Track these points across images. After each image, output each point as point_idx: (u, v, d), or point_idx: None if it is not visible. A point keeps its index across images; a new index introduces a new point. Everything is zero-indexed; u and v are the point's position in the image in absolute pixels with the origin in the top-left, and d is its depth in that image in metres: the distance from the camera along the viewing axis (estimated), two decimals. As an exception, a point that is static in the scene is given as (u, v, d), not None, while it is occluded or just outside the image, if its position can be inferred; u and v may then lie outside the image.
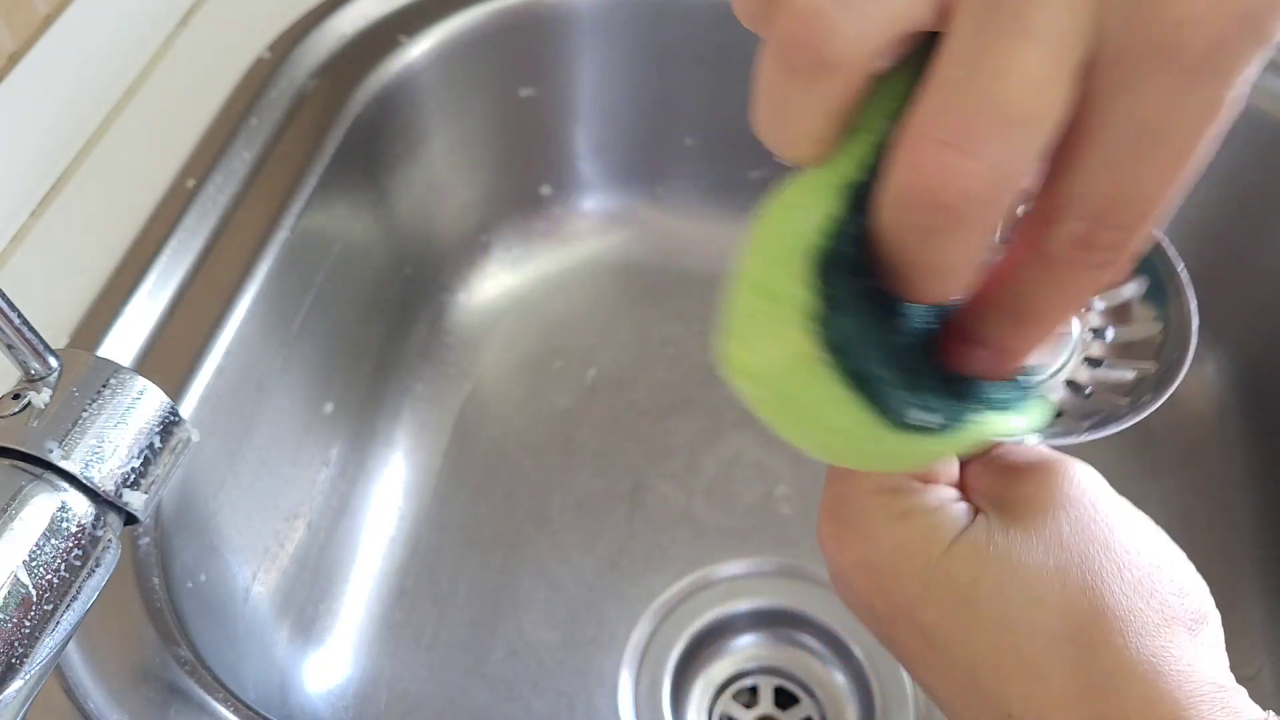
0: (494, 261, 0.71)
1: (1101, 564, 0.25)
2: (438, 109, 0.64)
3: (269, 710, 0.40)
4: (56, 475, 0.28)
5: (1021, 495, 0.26)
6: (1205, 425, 0.65)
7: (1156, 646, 0.24)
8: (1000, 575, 0.25)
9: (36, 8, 0.52)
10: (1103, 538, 0.25)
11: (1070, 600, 0.24)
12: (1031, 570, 0.25)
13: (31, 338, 0.28)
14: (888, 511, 0.26)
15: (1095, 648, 0.24)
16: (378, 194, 0.63)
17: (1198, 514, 0.62)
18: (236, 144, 0.55)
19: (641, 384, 0.67)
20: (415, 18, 0.63)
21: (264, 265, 0.52)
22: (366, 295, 0.62)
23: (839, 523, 0.27)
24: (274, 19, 0.61)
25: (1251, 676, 0.55)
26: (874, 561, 0.26)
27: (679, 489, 0.63)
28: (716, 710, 0.57)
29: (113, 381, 0.30)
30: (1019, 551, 0.25)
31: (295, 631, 0.55)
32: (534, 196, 0.72)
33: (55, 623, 0.27)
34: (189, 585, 0.45)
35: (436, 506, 0.62)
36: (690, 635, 0.58)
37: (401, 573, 0.59)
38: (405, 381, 0.65)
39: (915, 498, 0.27)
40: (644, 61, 0.68)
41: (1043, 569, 0.25)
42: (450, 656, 0.57)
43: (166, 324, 0.49)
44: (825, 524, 0.28)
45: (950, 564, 0.25)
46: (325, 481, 0.58)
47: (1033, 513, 0.26)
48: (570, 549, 0.61)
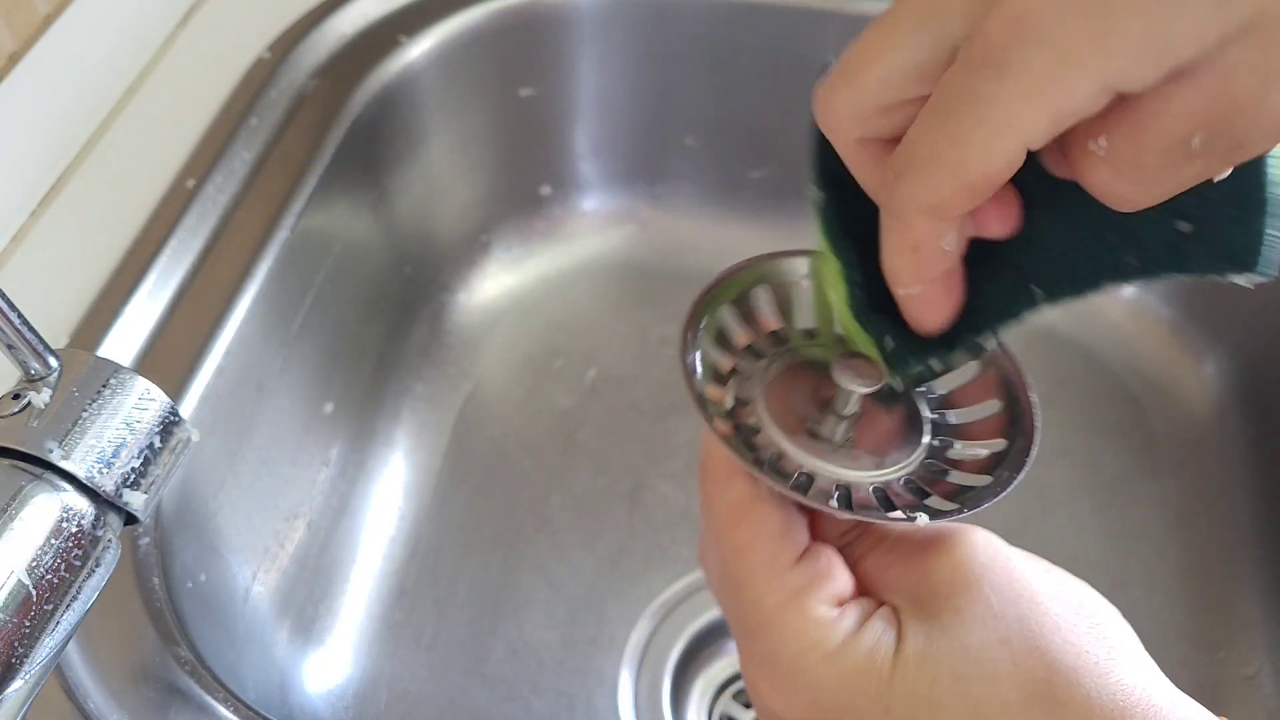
0: (494, 261, 0.71)
1: (1037, 622, 0.25)
2: (438, 109, 0.64)
3: (269, 710, 0.40)
4: (56, 475, 0.28)
5: (936, 582, 0.27)
6: (1205, 425, 0.65)
7: (1112, 684, 0.24)
8: (953, 668, 0.25)
9: (36, 8, 0.52)
10: (1028, 595, 0.26)
11: (1023, 667, 0.25)
12: (978, 650, 0.25)
13: (31, 338, 0.28)
14: (822, 652, 0.26)
15: (1061, 705, 0.24)
16: (378, 194, 0.63)
17: (1198, 514, 0.62)
18: (236, 144, 0.55)
19: (641, 384, 0.67)
20: (415, 18, 0.63)
21: (264, 265, 0.52)
22: (366, 295, 0.62)
23: (777, 679, 0.27)
24: (274, 19, 0.61)
25: (1251, 676, 0.55)
26: (826, 704, 0.26)
27: (679, 489, 0.63)
28: (716, 710, 0.57)
29: (113, 381, 0.30)
30: (960, 638, 0.25)
31: (295, 631, 0.55)
32: (534, 196, 0.72)
33: (55, 623, 0.27)
34: (189, 585, 0.45)
35: (436, 506, 0.62)
36: (690, 635, 0.58)
37: (401, 573, 0.59)
38: (405, 381, 0.65)
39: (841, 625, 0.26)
40: (644, 61, 0.68)
41: (988, 645, 0.25)
42: (450, 656, 0.57)
43: (166, 324, 0.49)
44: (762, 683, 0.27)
45: (903, 679, 0.25)
46: (325, 481, 0.58)
47: (955, 595, 0.26)
48: (570, 549, 0.61)
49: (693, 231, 0.73)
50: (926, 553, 0.27)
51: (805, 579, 0.27)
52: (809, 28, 0.64)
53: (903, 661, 0.25)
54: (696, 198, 0.73)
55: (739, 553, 0.27)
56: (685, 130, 0.71)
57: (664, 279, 0.72)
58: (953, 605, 0.26)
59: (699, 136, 0.71)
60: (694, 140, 0.71)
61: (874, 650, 0.26)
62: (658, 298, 0.71)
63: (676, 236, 0.74)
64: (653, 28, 0.67)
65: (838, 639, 0.26)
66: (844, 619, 0.26)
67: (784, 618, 0.26)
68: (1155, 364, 0.67)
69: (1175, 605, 0.58)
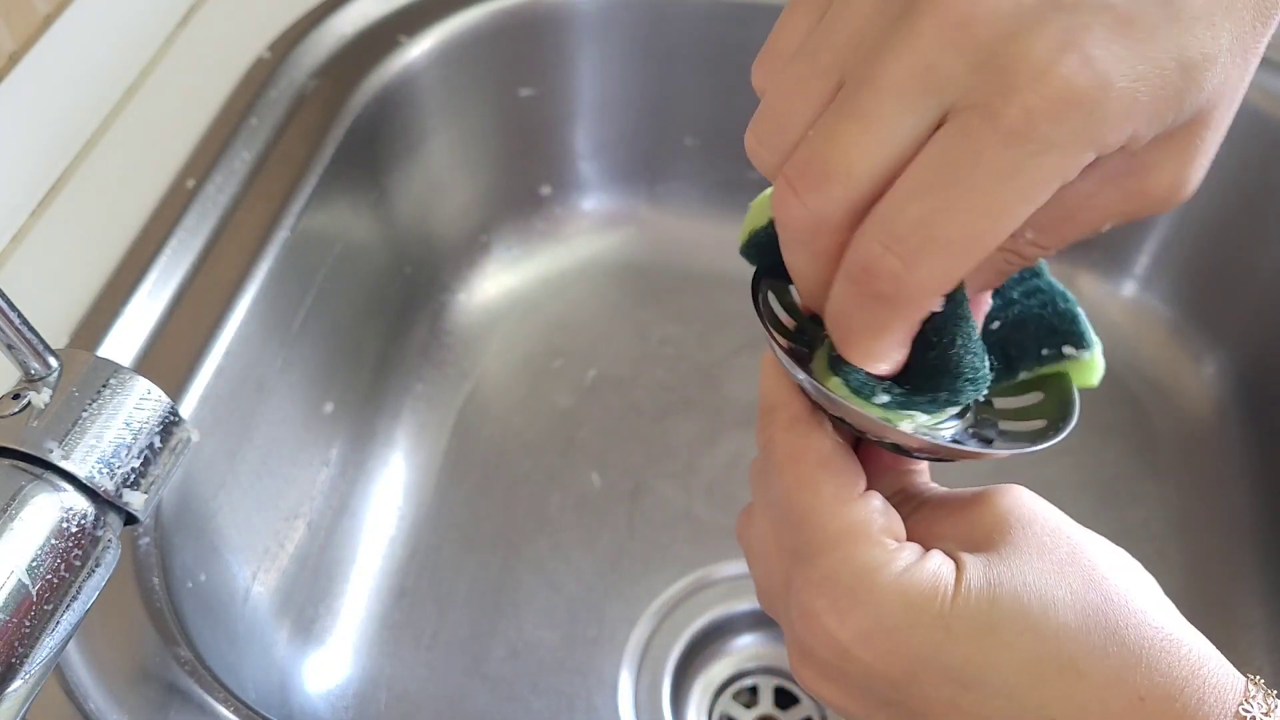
0: (494, 261, 0.71)
1: (1085, 559, 0.27)
2: (438, 109, 0.64)
3: (269, 710, 0.40)
4: (56, 475, 0.28)
5: (985, 529, 0.28)
6: (1205, 425, 0.65)
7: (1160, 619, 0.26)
8: (1013, 590, 0.26)
9: (36, 8, 0.52)
10: (1077, 540, 0.27)
11: (1078, 594, 0.26)
12: (1036, 576, 0.26)
13: (31, 338, 0.28)
14: (888, 571, 0.26)
15: (1114, 631, 0.25)
16: (378, 194, 0.63)
17: (1198, 514, 0.62)
18: (236, 144, 0.55)
19: (641, 384, 0.67)
20: (415, 18, 0.63)
21: (264, 265, 0.52)
22: (366, 295, 0.62)
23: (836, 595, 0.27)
24: (274, 19, 0.61)
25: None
26: (886, 623, 0.26)
27: (679, 489, 0.63)
28: (716, 710, 0.57)
29: (113, 381, 0.30)
30: (1018, 566, 0.26)
31: (295, 631, 0.55)
32: (534, 196, 0.72)
33: (55, 623, 0.27)
34: (189, 585, 0.45)
35: (436, 506, 0.62)
36: (690, 635, 0.58)
37: (401, 573, 0.59)
38: (405, 381, 0.65)
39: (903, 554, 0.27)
40: (644, 61, 0.68)
41: (1044, 574, 0.26)
42: (450, 656, 0.57)
43: (166, 324, 0.49)
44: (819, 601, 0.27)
45: (964, 600, 0.26)
46: (325, 481, 0.58)
47: (1008, 534, 0.27)
48: (570, 549, 0.61)
49: (693, 231, 0.73)
50: (971, 507, 0.28)
51: (869, 510, 0.28)
52: (809, 28, 0.64)
53: (964, 584, 0.26)
54: (696, 198, 0.73)
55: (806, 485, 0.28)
56: (685, 130, 0.71)
57: (664, 279, 0.72)
58: (1008, 541, 0.27)
59: (699, 136, 0.71)
60: (694, 140, 0.71)
61: (936, 573, 0.26)
62: (658, 298, 0.71)
63: (676, 236, 0.74)
64: (653, 28, 0.67)
65: (901, 563, 0.27)
66: (904, 550, 0.27)
67: (851, 539, 0.27)
68: (1155, 364, 0.67)
69: (1175, 605, 0.58)
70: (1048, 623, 0.25)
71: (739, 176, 0.72)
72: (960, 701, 0.26)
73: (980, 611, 0.26)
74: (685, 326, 0.70)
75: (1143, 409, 0.66)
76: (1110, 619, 0.25)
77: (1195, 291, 0.67)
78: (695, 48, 0.67)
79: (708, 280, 0.72)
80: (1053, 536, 0.27)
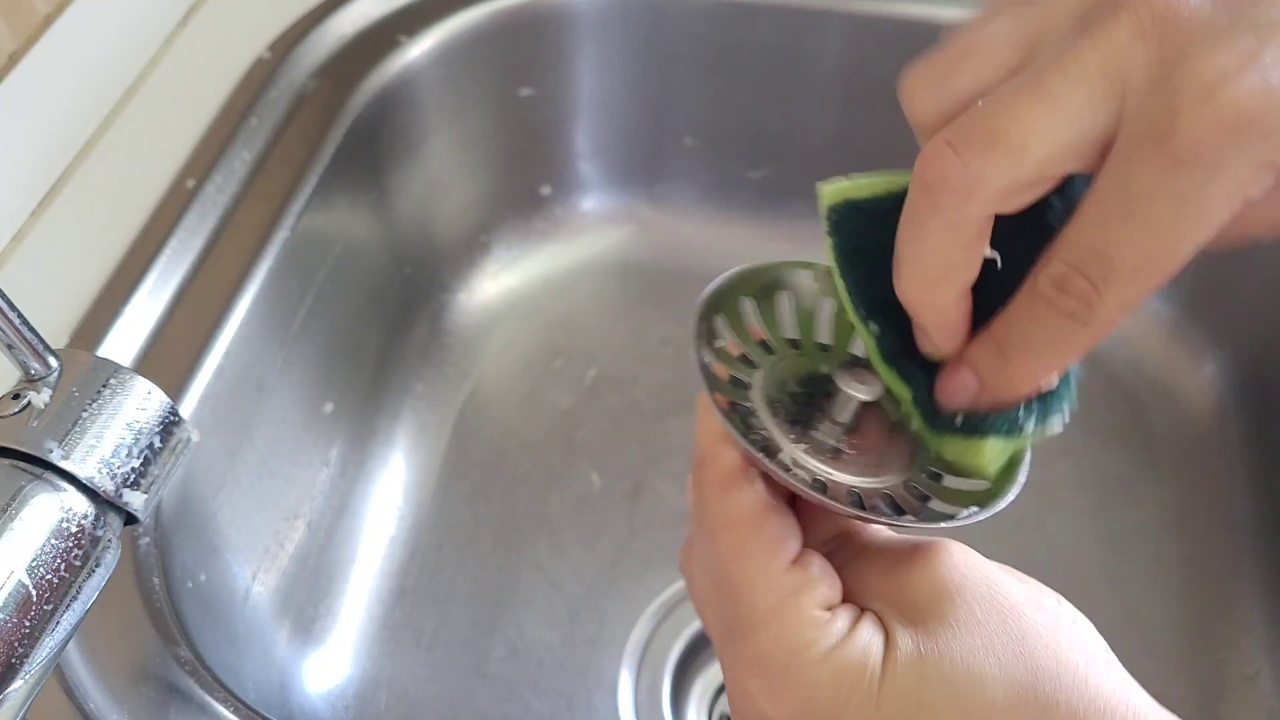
0: (494, 261, 0.71)
1: (1019, 629, 0.26)
2: (438, 109, 0.64)
3: (269, 710, 0.40)
4: (56, 475, 0.28)
5: (918, 592, 0.27)
6: (1205, 425, 0.65)
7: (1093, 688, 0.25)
8: (940, 669, 0.26)
9: (36, 8, 0.52)
10: (1008, 605, 0.27)
11: (1008, 670, 0.25)
12: (964, 654, 0.26)
13: (31, 338, 0.28)
14: (817, 651, 0.26)
15: (1046, 709, 0.25)
16: (378, 194, 0.63)
17: (1198, 514, 0.62)
18: (236, 144, 0.55)
19: (641, 384, 0.67)
20: (415, 18, 0.63)
21: (264, 265, 0.52)
22: (366, 295, 0.62)
23: (770, 677, 0.27)
24: (274, 19, 0.61)
25: (1251, 677, 0.55)
26: (819, 702, 0.26)
27: (679, 489, 0.63)
28: (716, 710, 0.57)
29: (113, 381, 0.30)
30: (946, 643, 0.26)
31: (295, 631, 0.55)
32: (534, 196, 0.72)
33: (55, 623, 0.27)
34: (189, 585, 0.45)
35: (436, 506, 0.62)
36: (690, 635, 0.58)
37: (401, 573, 0.59)
38: (405, 381, 0.65)
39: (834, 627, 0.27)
40: (644, 61, 0.68)
41: (973, 650, 0.26)
42: (450, 656, 0.57)
43: (166, 324, 0.49)
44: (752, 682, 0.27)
45: (893, 679, 0.26)
46: (325, 481, 0.58)
47: (938, 604, 0.27)
48: (570, 549, 0.61)
49: (693, 231, 0.73)
50: (905, 564, 0.28)
51: (800, 581, 0.27)
52: (809, 28, 0.64)
53: (892, 662, 0.26)
54: (696, 198, 0.73)
55: (735, 555, 0.27)
56: (685, 130, 0.71)
57: (664, 279, 0.72)
58: (936, 613, 0.26)
59: (699, 136, 0.71)
60: (694, 140, 0.71)
61: (866, 650, 0.26)
62: (658, 298, 0.71)
63: (676, 236, 0.73)
64: (653, 28, 0.67)
65: (831, 640, 0.26)
66: (836, 621, 0.27)
67: (780, 617, 0.27)
68: (1155, 364, 0.67)
69: (1175, 606, 0.58)
70: (975, 702, 0.25)
71: (739, 176, 0.72)
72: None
73: (909, 690, 0.25)
74: (685, 326, 0.69)
75: (1143, 409, 0.66)
76: (1041, 694, 0.25)
77: (1195, 291, 0.67)
78: (695, 48, 0.67)
79: (708, 280, 0.72)
80: (984, 606, 0.26)
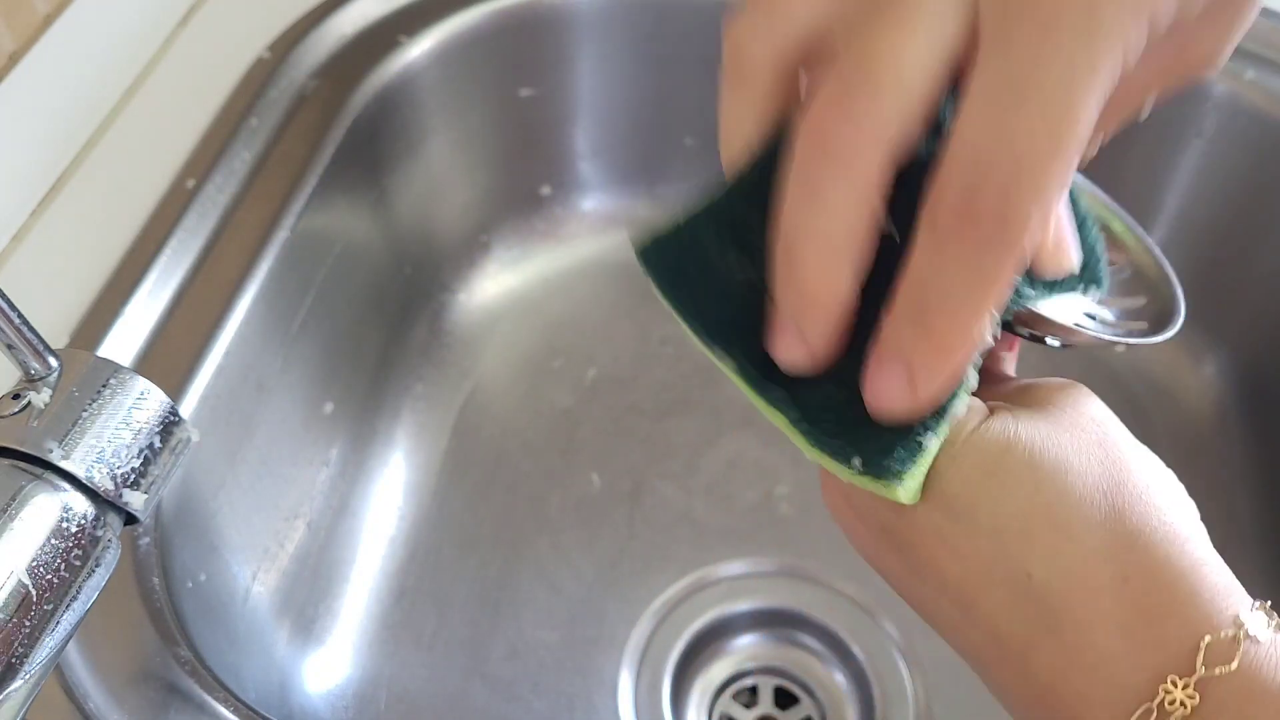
0: (494, 261, 0.71)
1: (1120, 447, 0.26)
2: (438, 109, 0.64)
3: (269, 710, 0.40)
4: (56, 475, 0.28)
5: (1037, 396, 0.27)
6: (1205, 425, 0.65)
7: (1173, 518, 0.25)
8: (1031, 445, 0.25)
9: (36, 8, 0.52)
10: (1115, 435, 0.26)
11: (1096, 470, 0.25)
12: (1057, 444, 0.25)
13: (31, 338, 0.28)
14: None
15: (1120, 512, 0.25)
16: (378, 194, 0.63)
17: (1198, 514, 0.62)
18: (236, 144, 0.55)
19: (641, 384, 0.67)
20: (415, 18, 0.63)
21: (264, 265, 0.52)
22: (366, 295, 0.62)
23: None
24: (274, 19, 0.61)
25: (1251, 676, 0.55)
26: None
27: (679, 489, 0.63)
28: (716, 710, 0.57)
29: (113, 381, 0.30)
30: (1045, 428, 0.26)
31: (295, 631, 0.55)
32: (534, 196, 0.72)
33: (55, 623, 0.27)
34: (189, 585, 0.45)
35: (436, 506, 0.62)
36: (690, 635, 0.58)
37: (401, 573, 0.59)
38: (405, 381, 0.65)
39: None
40: (644, 61, 0.68)
41: (1070, 443, 0.25)
42: (450, 656, 0.57)
43: (166, 324, 0.49)
44: None
45: (980, 438, 0.25)
46: (325, 481, 0.58)
47: (1052, 405, 0.27)
48: (570, 549, 0.61)
49: (693, 231, 0.73)
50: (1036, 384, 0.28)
51: None
52: (809, 28, 0.64)
53: (987, 425, 0.26)
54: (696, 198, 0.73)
55: None
56: (685, 130, 0.71)
57: (664, 279, 0.72)
58: (1049, 410, 0.26)
59: (699, 136, 0.71)
60: (694, 140, 0.71)
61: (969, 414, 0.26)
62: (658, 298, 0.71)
63: (676, 236, 0.73)
64: (653, 28, 0.67)
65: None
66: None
67: None
68: (1155, 364, 0.67)
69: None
70: (1053, 483, 0.25)
71: (739, 176, 0.72)
72: (945, 531, 0.25)
73: (991, 452, 0.25)
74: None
75: (1143, 409, 0.66)
76: (1118, 501, 0.25)
77: (1195, 291, 0.67)
78: (695, 48, 0.67)
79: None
80: (1096, 424, 0.26)
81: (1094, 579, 0.24)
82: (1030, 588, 0.24)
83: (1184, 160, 0.63)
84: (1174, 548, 0.24)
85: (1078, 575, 0.24)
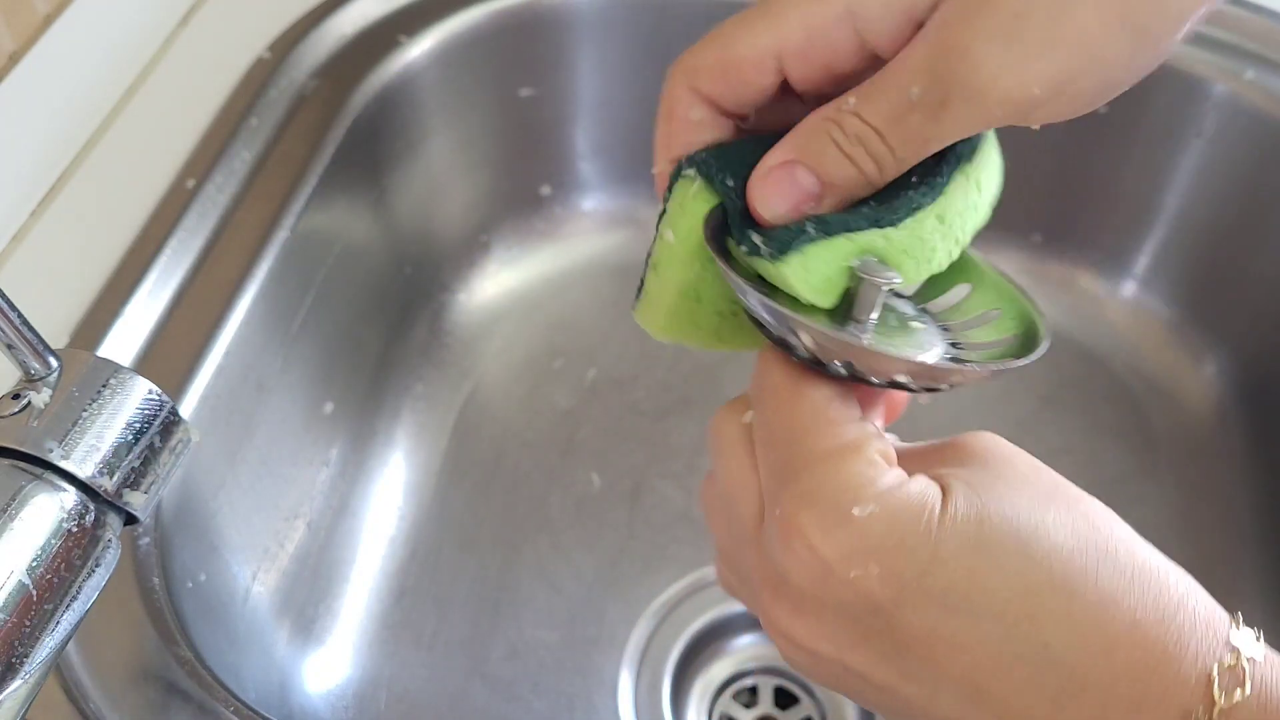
0: (494, 261, 0.71)
1: (1069, 488, 0.27)
2: (438, 109, 0.64)
3: (269, 710, 0.40)
4: (56, 475, 0.28)
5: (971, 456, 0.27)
6: (1205, 425, 0.65)
7: (1145, 548, 0.26)
8: (1003, 513, 0.25)
9: (36, 8, 0.52)
10: (1053, 475, 0.27)
11: (1067, 522, 0.25)
12: (1025, 504, 0.25)
13: (31, 338, 0.28)
14: (874, 489, 0.25)
15: (1106, 553, 0.25)
16: (378, 194, 0.63)
17: (1198, 514, 0.62)
18: (236, 144, 0.55)
19: (641, 384, 0.67)
20: (415, 18, 0.63)
21: (264, 265, 0.52)
22: (366, 295, 0.62)
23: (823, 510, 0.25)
24: (274, 19, 0.61)
25: (1251, 676, 0.55)
26: (872, 541, 0.25)
27: (679, 489, 0.63)
28: (716, 710, 0.57)
29: (113, 381, 0.30)
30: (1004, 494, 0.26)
31: (295, 631, 0.55)
32: (534, 196, 0.72)
33: (55, 623, 0.27)
34: (189, 585, 0.45)
35: (436, 506, 0.62)
36: (690, 635, 0.58)
37: (401, 573, 0.59)
38: (405, 381, 0.65)
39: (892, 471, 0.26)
40: (644, 61, 0.68)
41: (1032, 501, 0.26)
42: (450, 656, 0.57)
43: (166, 324, 0.49)
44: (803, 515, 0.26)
45: (954, 519, 0.25)
46: (325, 481, 0.58)
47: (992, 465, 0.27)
48: (570, 549, 0.61)
49: (693, 231, 0.73)
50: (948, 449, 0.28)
51: (862, 432, 0.27)
52: (809, 28, 0.64)
53: (951, 505, 0.25)
54: (696, 198, 0.73)
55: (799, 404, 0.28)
56: (685, 130, 0.71)
57: (664, 279, 0.72)
58: (991, 472, 0.26)
59: (699, 136, 0.71)
60: (694, 140, 0.71)
61: (924, 493, 0.26)
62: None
63: (676, 236, 0.73)
64: (653, 28, 0.67)
65: (891, 479, 0.26)
66: (892, 470, 0.26)
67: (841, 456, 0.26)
68: (1155, 364, 0.67)
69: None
70: (1039, 543, 0.25)
71: (739, 176, 0.72)
72: (944, 628, 0.25)
73: (969, 532, 0.25)
74: (685, 326, 0.70)
75: (1143, 409, 0.66)
76: (1099, 543, 0.25)
77: (1195, 291, 0.67)
78: (695, 48, 0.67)
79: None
80: (1034, 470, 0.27)
81: (1108, 629, 0.24)
82: (1050, 657, 0.24)
83: (1184, 160, 0.63)
84: (1160, 582, 0.25)
85: (1091, 630, 0.24)
